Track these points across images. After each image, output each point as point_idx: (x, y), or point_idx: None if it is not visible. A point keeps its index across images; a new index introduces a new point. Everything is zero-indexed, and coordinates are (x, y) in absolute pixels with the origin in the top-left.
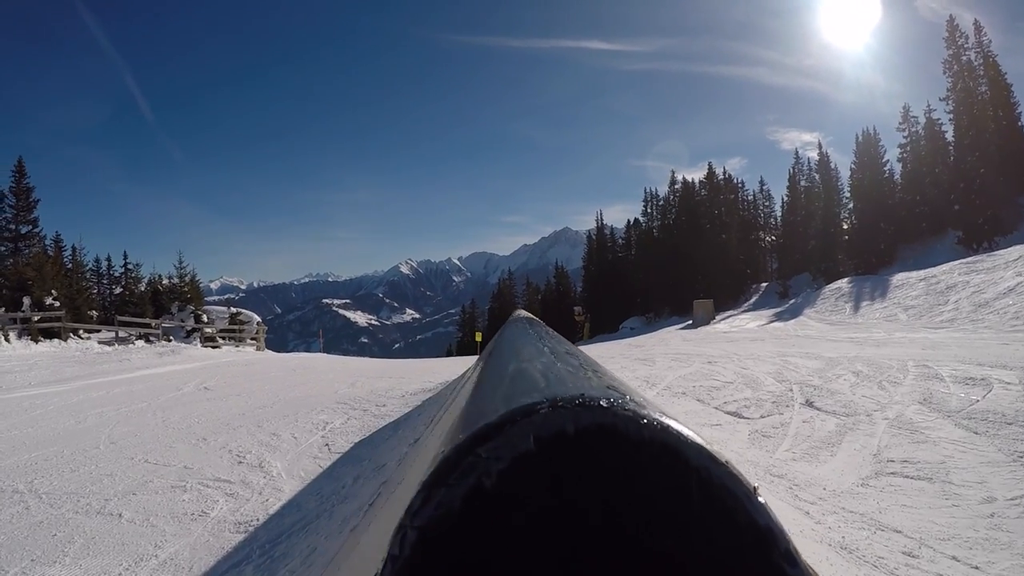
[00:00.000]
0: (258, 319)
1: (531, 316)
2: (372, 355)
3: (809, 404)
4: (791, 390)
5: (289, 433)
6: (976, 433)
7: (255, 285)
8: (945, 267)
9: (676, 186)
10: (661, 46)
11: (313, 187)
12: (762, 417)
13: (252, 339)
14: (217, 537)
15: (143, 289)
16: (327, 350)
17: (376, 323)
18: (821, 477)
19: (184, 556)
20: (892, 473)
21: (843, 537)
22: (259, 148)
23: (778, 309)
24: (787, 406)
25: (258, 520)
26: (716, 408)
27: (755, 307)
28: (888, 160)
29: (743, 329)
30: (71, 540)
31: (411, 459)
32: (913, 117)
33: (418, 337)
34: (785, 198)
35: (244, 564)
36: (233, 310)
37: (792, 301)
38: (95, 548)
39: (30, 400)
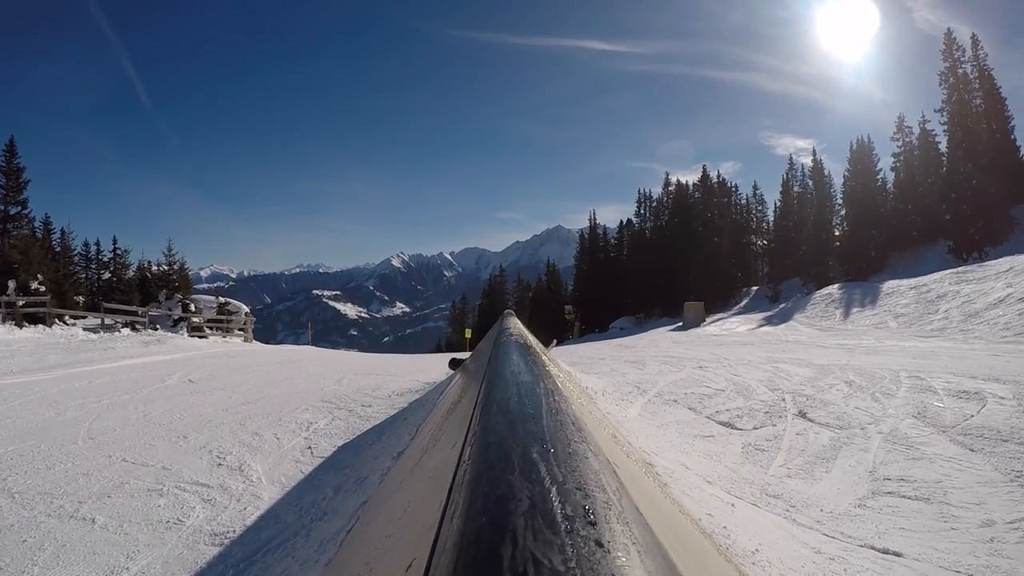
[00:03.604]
0: (246, 309)
1: (523, 339)
2: (361, 348)
3: (802, 415)
4: (783, 400)
5: (272, 433)
6: (972, 450)
7: (245, 274)
8: (935, 276)
9: (670, 188)
10: (660, 49)
11: (308, 177)
12: (755, 428)
13: (240, 330)
14: (191, 549)
15: (131, 275)
16: (316, 342)
17: (366, 316)
18: (817, 497)
19: (156, 569)
20: (889, 493)
21: (845, 570)
22: (256, 137)
23: (768, 313)
24: (780, 417)
25: (234, 532)
26: (708, 417)
27: (745, 311)
28: (881, 169)
29: (733, 333)
30: (41, 547)
31: (393, 496)
32: (907, 127)
33: (408, 331)
34: (778, 203)
35: None
36: (221, 299)
37: (782, 306)
38: (65, 557)
39: (10, 389)
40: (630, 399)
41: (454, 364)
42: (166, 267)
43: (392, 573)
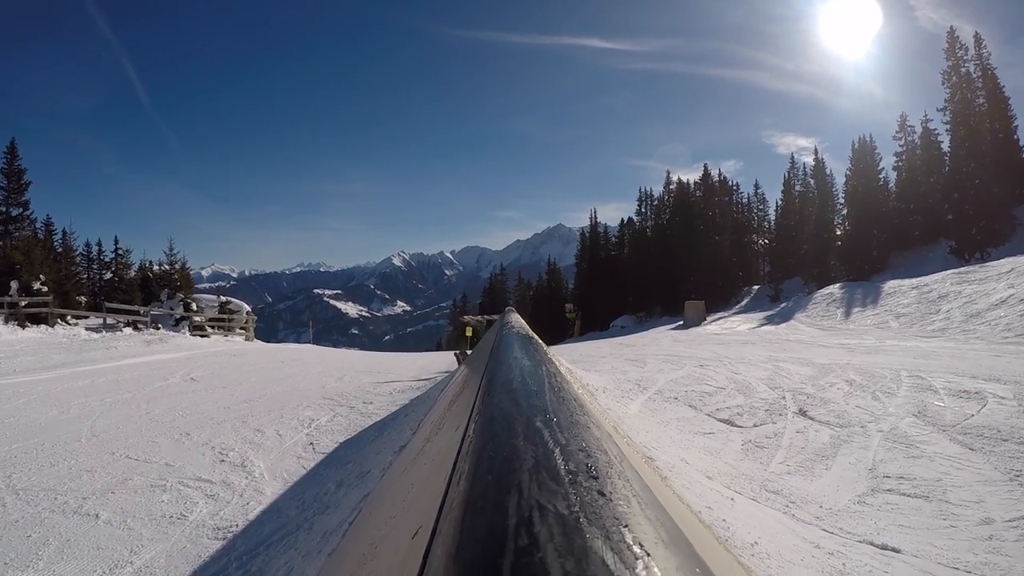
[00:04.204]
0: (248, 308)
1: (524, 331)
2: (362, 347)
3: (802, 413)
4: (784, 398)
5: (274, 430)
6: (972, 449)
7: (247, 273)
8: (937, 276)
9: (671, 186)
10: (661, 46)
11: (309, 177)
12: (755, 426)
13: (241, 328)
14: (195, 543)
15: (133, 275)
16: (317, 341)
17: (367, 315)
18: (817, 493)
19: (160, 564)
20: (888, 490)
21: (843, 564)
22: (256, 137)
23: (769, 312)
24: (780, 415)
25: (237, 526)
26: (708, 415)
27: (746, 310)
28: (883, 168)
29: (734, 331)
30: (46, 542)
31: (396, 485)
32: (910, 126)
33: (408, 330)
34: (779, 202)
35: None
36: (223, 299)
37: (783, 305)
38: (70, 552)
39: (13, 388)
40: (631, 396)
41: (461, 356)
42: (167, 267)
43: (398, 545)
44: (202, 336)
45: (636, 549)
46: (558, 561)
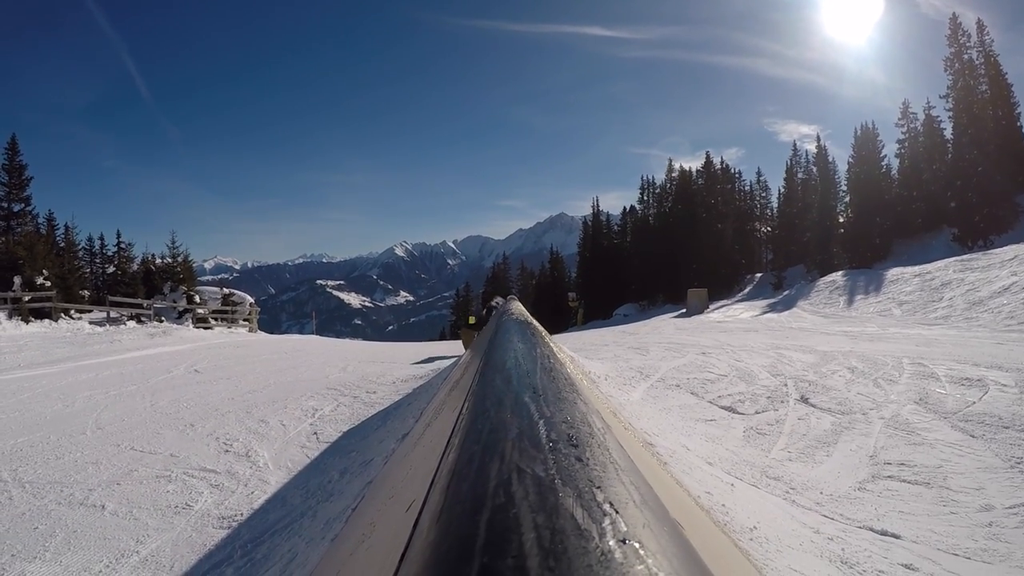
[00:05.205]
0: (251, 300)
1: (523, 317)
2: (365, 337)
3: (804, 400)
4: (786, 385)
5: (278, 420)
6: (973, 436)
7: (249, 265)
8: (940, 264)
9: (673, 174)
10: (662, 34)
11: (311, 168)
12: (757, 413)
13: (245, 320)
14: (200, 533)
15: (135, 269)
16: (320, 331)
17: (370, 305)
18: (818, 479)
19: (165, 553)
20: (889, 477)
21: (843, 550)
22: (257, 129)
23: (772, 300)
24: (782, 402)
25: (242, 515)
26: (710, 402)
27: (749, 297)
28: (886, 155)
29: (737, 319)
30: (52, 534)
31: (396, 470)
32: (912, 113)
33: (412, 320)
34: (782, 190)
35: (224, 565)
36: (226, 291)
37: (786, 292)
38: (76, 543)
39: (19, 383)
40: (633, 384)
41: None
42: (170, 260)
43: (393, 520)
44: (205, 328)
45: (606, 507)
46: (530, 515)
